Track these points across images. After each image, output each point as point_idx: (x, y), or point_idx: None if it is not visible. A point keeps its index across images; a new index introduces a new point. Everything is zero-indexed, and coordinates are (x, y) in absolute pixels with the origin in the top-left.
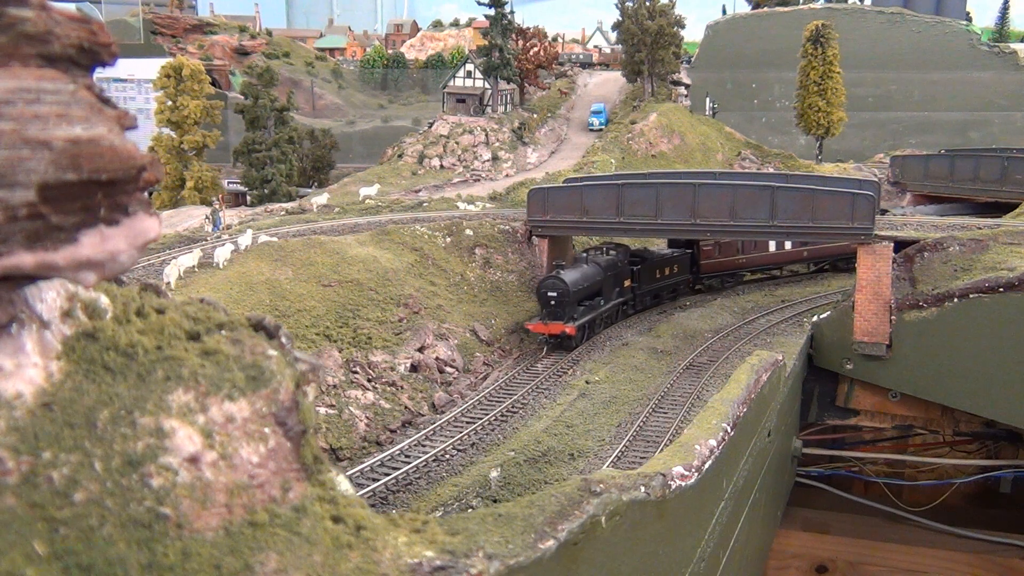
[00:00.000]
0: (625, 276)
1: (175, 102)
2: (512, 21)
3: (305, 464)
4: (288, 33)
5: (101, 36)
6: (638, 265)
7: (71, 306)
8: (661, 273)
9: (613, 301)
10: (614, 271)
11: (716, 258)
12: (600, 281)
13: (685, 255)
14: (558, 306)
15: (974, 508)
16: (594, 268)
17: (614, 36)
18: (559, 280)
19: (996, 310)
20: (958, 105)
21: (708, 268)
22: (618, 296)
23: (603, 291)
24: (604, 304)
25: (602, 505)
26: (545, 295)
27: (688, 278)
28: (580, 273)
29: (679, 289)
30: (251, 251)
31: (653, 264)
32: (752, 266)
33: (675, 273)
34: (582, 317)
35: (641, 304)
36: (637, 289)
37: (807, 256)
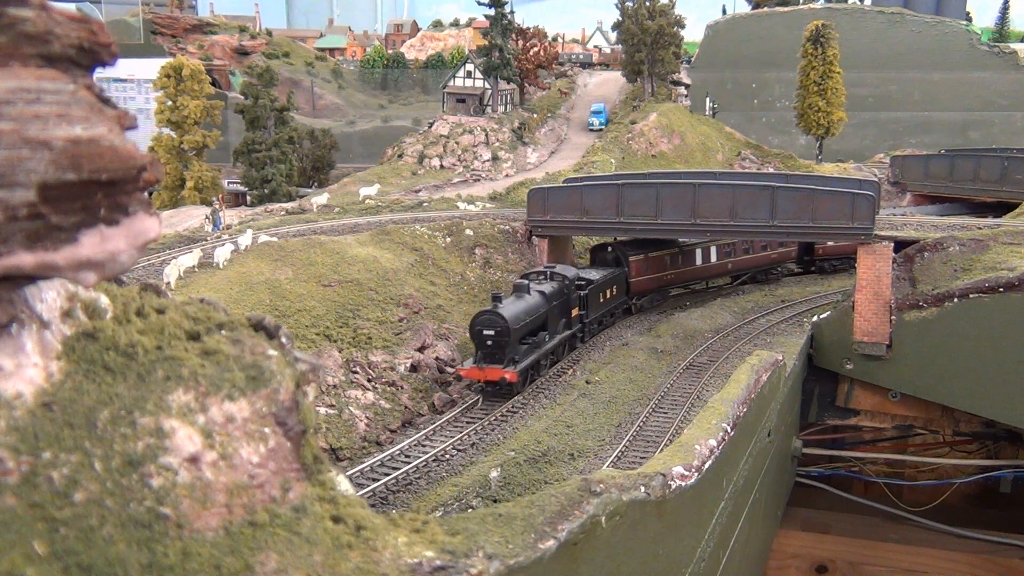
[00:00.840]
0: (573, 304)
1: (175, 102)
2: (512, 21)
3: (305, 464)
4: (288, 33)
5: (101, 36)
6: (585, 290)
7: (71, 306)
8: (604, 297)
9: (560, 335)
10: (560, 299)
11: (645, 275)
12: (545, 313)
13: (621, 274)
14: (496, 347)
15: (974, 508)
16: (538, 298)
17: (614, 36)
18: (497, 316)
19: (996, 310)
20: (958, 105)
21: (638, 287)
22: (565, 328)
23: (548, 324)
24: (550, 339)
25: (602, 505)
26: (480, 334)
27: (624, 300)
28: (522, 305)
29: (616, 313)
30: (251, 251)
31: (598, 288)
32: (678, 282)
33: (614, 296)
34: (525, 358)
35: (590, 334)
36: (585, 317)
37: (730, 268)
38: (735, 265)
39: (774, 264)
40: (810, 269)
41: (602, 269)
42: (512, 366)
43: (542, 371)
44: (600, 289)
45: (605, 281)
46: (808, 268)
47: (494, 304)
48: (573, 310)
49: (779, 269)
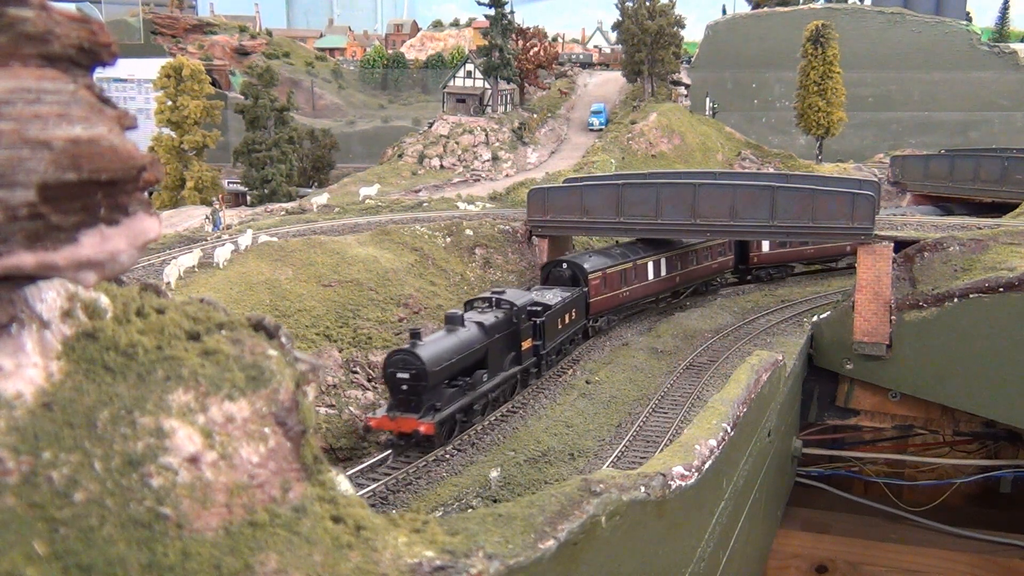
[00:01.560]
0: (524, 335)
1: (175, 102)
2: (512, 21)
3: (305, 464)
4: (288, 33)
5: (101, 36)
6: (542, 316)
7: (71, 306)
8: (563, 322)
9: (506, 372)
10: (506, 331)
11: (605, 293)
12: (483, 348)
13: (580, 295)
14: (412, 393)
15: (974, 508)
16: (474, 332)
17: (614, 36)
18: (412, 356)
19: (996, 310)
20: (958, 105)
21: (598, 307)
22: (513, 363)
23: (489, 361)
24: (490, 379)
25: (602, 505)
26: (393, 377)
27: (584, 323)
28: (449, 342)
29: (576, 339)
30: (251, 251)
31: (557, 313)
32: (632, 299)
33: (574, 320)
34: (450, 404)
35: (547, 366)
36: (542, 348)
37: (678, 282)
38: (682, 278)
39: (713, 275)
40: (746, 279)
41: (560, 290)
42: (430, 415)
43: (477, 417)
44: (559, 314)
45: (565, 304)
46: (744, 277)
47: (411, 342)
48: (524, 342)
49: (718, 280)
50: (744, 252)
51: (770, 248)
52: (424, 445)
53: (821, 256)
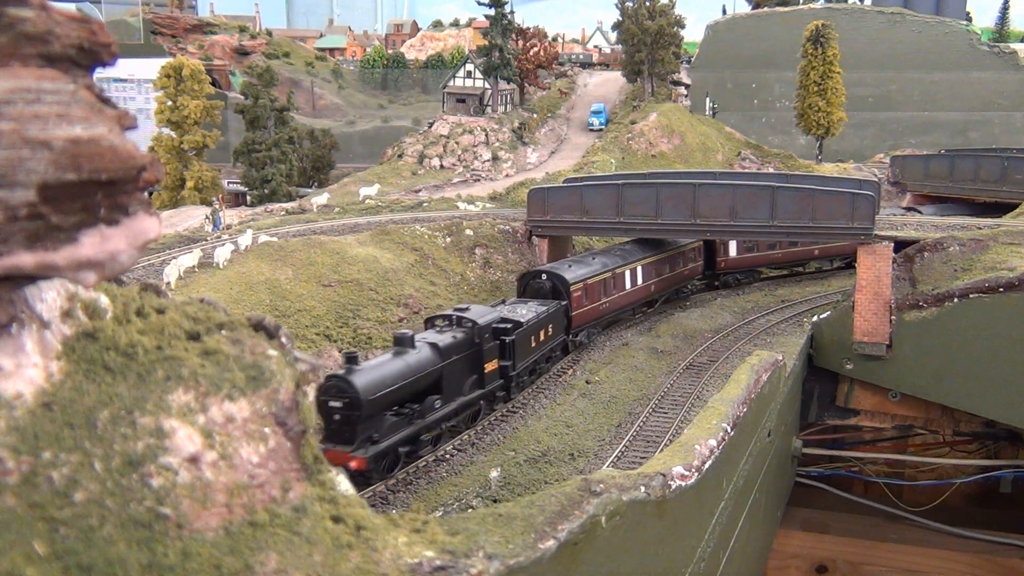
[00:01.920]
0: (489, 356)
1: (175, 102)
2: (512, 21)
3: (305, 464)
4: (288, 33)
5: (101, 36)
6: (511, 335)
7: (71, 306)
8: (537, 339)
9: (465, 397)
10: (466, 352)
11: (587, 305)
12: (437, 372)
13: (559, 309)
14: (345, 423)
15: (974, 508)
16: (426, 354)
17: (614, 36)
18: (344, 383)
19: (996, 310)
20: (958, 105)
21: (580, 320)
22: (475, 387)
23: (444, 385)
24: (445, 405)
25: (602, 505)
26: (324, 405)
27: (563, 339)
28: (392, 367)
29: (554, 356)
30: (251, 251)
31: (530, 330)
32: (613, 311)
33: (551, 336)
34: (391, 435)
35: (518, 388)
36: (512, 369)
37: (653, 291)
38: (657, 287)
39: (685, 281)
40: (713, 284)
41: (536, 303)
42: (364, 448)
43: (427, 448)
44: (533, 331)
45: (540, 320)
46: (711, 283)
47: (346, 367)
48: (489, 363)
49: (688, 287)
50: (712, 256)
51: (737, 252)
52: (359, 480)
53: (789, 260)
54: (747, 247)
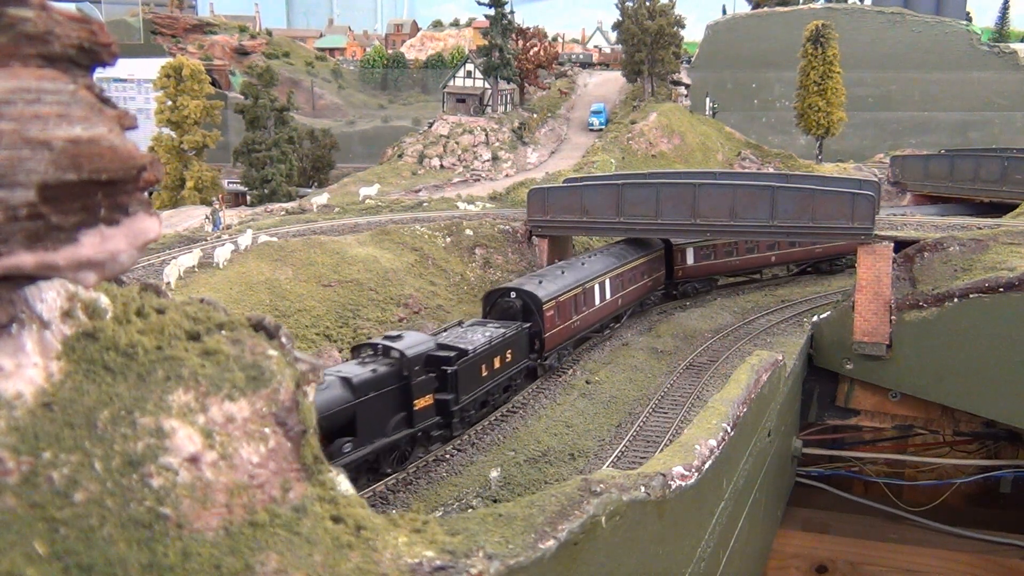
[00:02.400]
0: (423, 390)
1: (175, 102)
2: (512, 21)
3: (305, 464)
4: (288, 33)
5: (101, 36)
6: (454, 365)
7: (71, 306)
8: (491, 367)
9: (388, 439)
10: (390, 387)
11: (560, 324)
12: (349, 410)
13: (522, 332)
14: None
15: (974, 508)
16: (334, 392)
17: (614, 36)
18: None
19: (996, 310)
20: (958, 105)
21: (554, 340)
22: (402, 427)
23: (359, 426)
24: (357, 449)
25: (602, 505)
26: None
27: (529, 363)
28: None
29: (515, 384)
30: (251, 251)
31: (479, 357)
32: (585, 328)
33: (511, 362)
34: None
35: (463, 424)
36: (453, 403)
37: (620, 304)
38: (624, 300)
39: (649, 293)
40: (672, 294)
41: (495, 326)
42: None
43: None
44: (485, 358)
45: (495, 345)
46: (669, 292)
47: None
48: (421, 399)
49: (651, 298)
50: (671, 264)
51: (694, 260)
52: None
53: (746, 267)
54: (704, 254)
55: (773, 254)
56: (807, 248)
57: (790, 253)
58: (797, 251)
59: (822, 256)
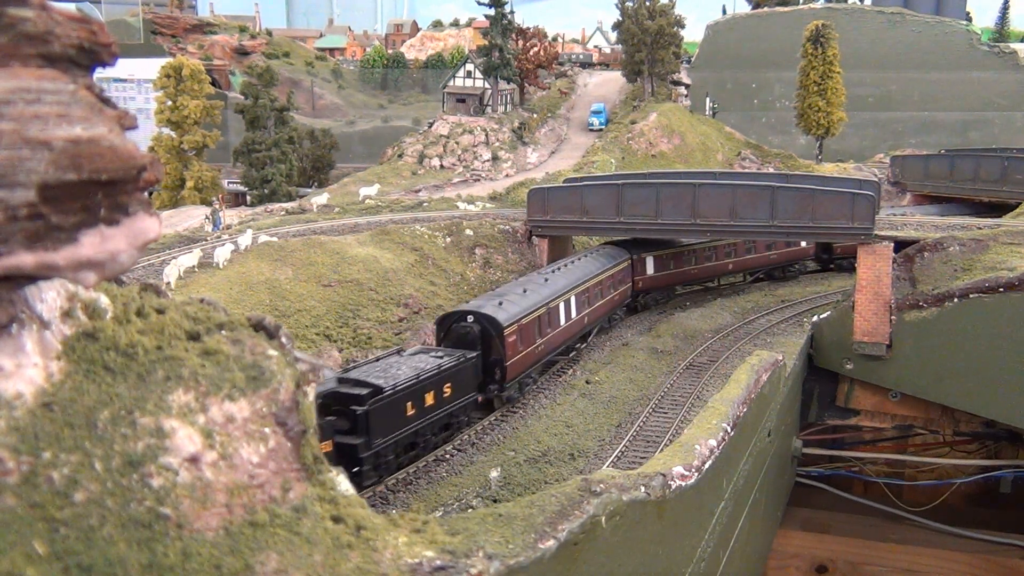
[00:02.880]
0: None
1: (175, 102)
2: (512, 21)
3: (305, 464)
4: (288, 33)
5: (101, 36)
6: (366, 404)
7: (71, 306)
8: (420, 404)
9: None
10: None
11: (522, 351)
12: None
13: (467, 362)
14: None
15: (974, 508)
16: None
17: (614, 36)
18: None
19: (996, 310)
20: (958, 105)
21: (517, 368)
22: None
23: None
24: None
25: (602, 505)
26: None
27: (474, 397)
28: None
29: (458, 421)
30: (251, 251)
31: (401, 395)
32: (549, 352)
33: (450, 396)
34: None
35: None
36: (364, 448)
37: (587, 323)
38: (590, 319)
39: (615, 308)
40: (634, 307)
41: (436, 355)
42: None
43: None
44: (411, 395)
45: (426, 379)
46: (632, 306)
47: None
48: None
49: (618, 313)
50: (633, 275)
51: (654, 270)
52: None
53: (704, 276)
54: (664, 263)
55: (731, 262)
56: (762, 255)
57: (752, 258)
58: (752, 258)
59: (776, 263)
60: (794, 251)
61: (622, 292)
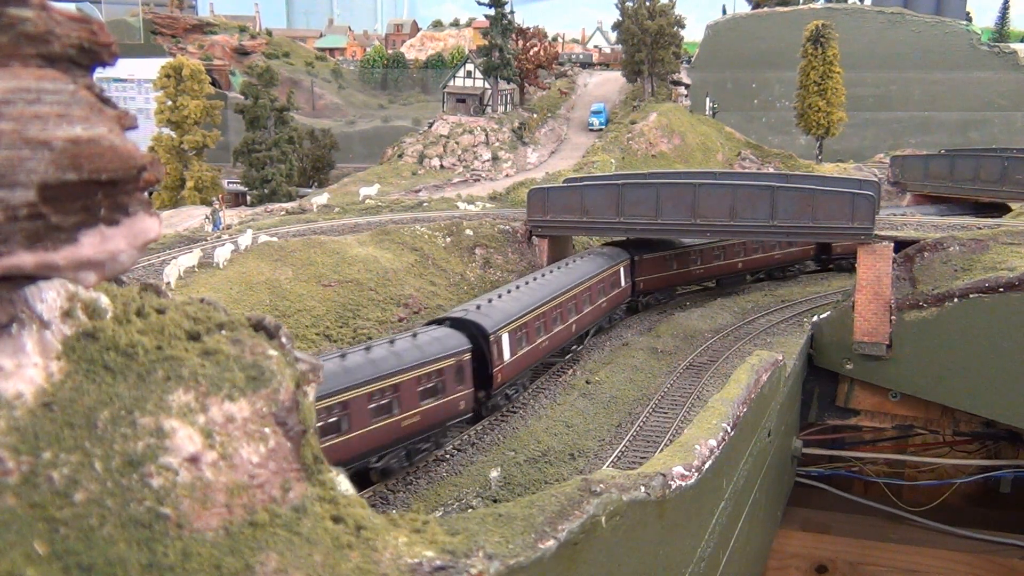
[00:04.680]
0: None
1: (175, 102)
2: (512, 21)
3: (305, 464)
4: (288, 33)
5: (101, 36)
6: None
7: (71, 306)
8: None
9: None
10: None
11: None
12: None
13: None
14: None
15: (974, 508)
16: None
17: (614, 36)
18: None
19: (996, 310)
20: (958, 105)
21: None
22: None
23: None
24: None
25: (602, 505)
26: None
27: None
28: None
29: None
30: (251, 251)
31: None
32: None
33: None
34: None
35: None
36: None
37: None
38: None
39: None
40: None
41: None
42: None
43: None
44: None
45: None
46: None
47: None
48: None
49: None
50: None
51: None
52: None
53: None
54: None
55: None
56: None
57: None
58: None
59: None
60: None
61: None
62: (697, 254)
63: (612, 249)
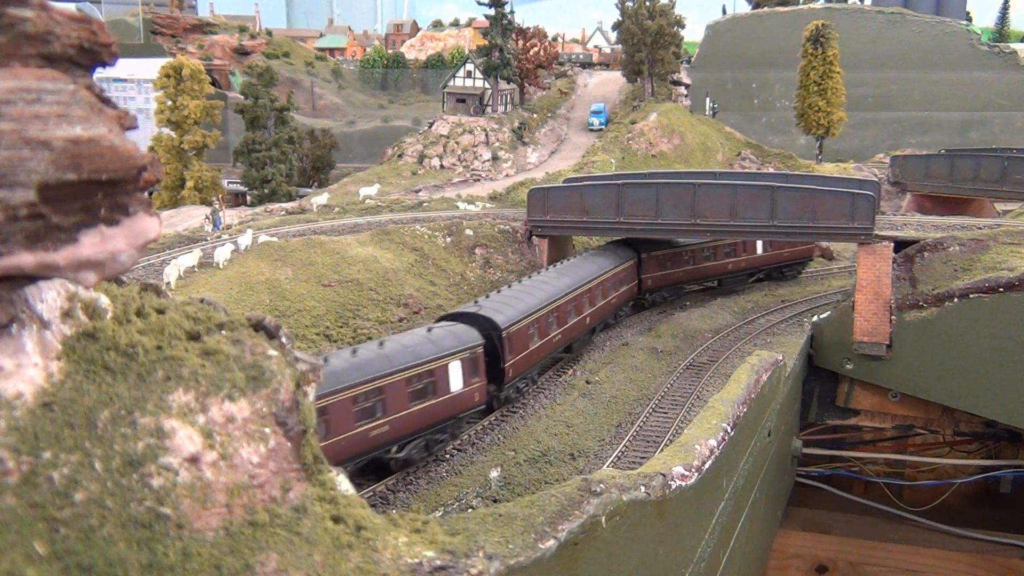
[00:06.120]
0: None
1: (175, 102)
2: (512, 21)
3: (305, 464)
4: (288, 33)
5: (101, 36)
6: None
7: (71, 306)
8: None
9: None
10: None
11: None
12: None
13: None
14: None
15: (974, 508)
16: None
17: (614, 36)
18: None
19: (996, 310)
20: (958, 105)
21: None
22: None
23: None
24: None
25: (602, 505)
26: None
27: None
28: None
29: None
30: (251, 251)
31: None
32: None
33: None
34: None
35: None
36: None
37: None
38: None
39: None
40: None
41: None
42: None
43: None
44: None
45: None
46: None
47: None
48: None
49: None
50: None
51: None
52: None
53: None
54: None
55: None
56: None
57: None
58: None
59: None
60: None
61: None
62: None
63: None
